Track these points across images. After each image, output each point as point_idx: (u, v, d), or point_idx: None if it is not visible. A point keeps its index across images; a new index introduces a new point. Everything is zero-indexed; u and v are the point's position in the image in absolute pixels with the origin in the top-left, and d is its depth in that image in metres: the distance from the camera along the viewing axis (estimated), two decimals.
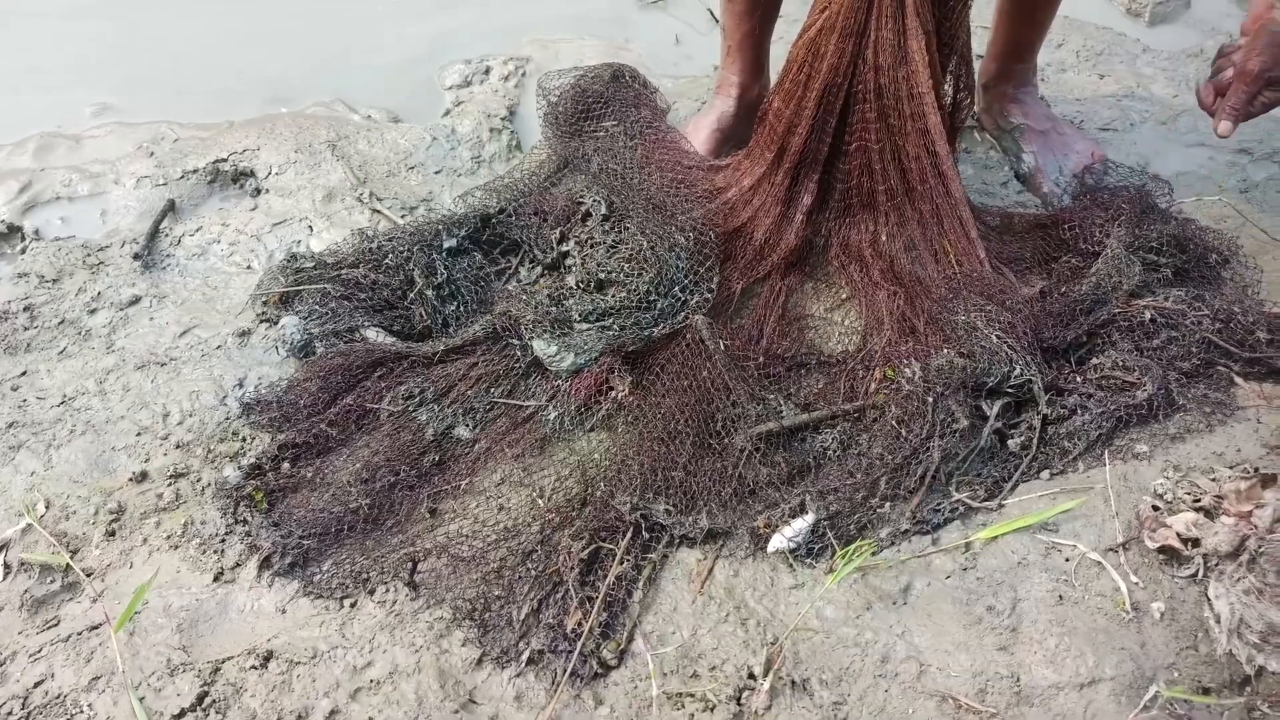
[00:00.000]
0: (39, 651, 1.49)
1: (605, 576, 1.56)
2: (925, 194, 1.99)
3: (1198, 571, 1.52)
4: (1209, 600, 1.48)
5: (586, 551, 1.58)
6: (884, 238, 2.07)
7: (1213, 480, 1.61)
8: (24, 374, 1.93)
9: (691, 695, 1.42)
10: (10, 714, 1.41)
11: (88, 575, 1.60)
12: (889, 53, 1.87)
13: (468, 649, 1.47)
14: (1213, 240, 2.05)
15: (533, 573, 1.56)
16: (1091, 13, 3.03)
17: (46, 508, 1.69)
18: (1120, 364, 1.76)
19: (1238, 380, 1.82)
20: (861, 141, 2.00)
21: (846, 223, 2.12)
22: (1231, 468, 1.64)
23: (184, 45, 2.89)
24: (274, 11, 3.03)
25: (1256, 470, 1.58)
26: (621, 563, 1.57)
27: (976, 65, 2.32)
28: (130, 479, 1.74)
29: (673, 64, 2.90)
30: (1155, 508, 1.59)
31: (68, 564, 1.60)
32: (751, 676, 1.44)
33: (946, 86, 2.03)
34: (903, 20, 1.85)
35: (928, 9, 1.86)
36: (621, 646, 1.48)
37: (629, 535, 1.60)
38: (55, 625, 1.53)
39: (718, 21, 2.67)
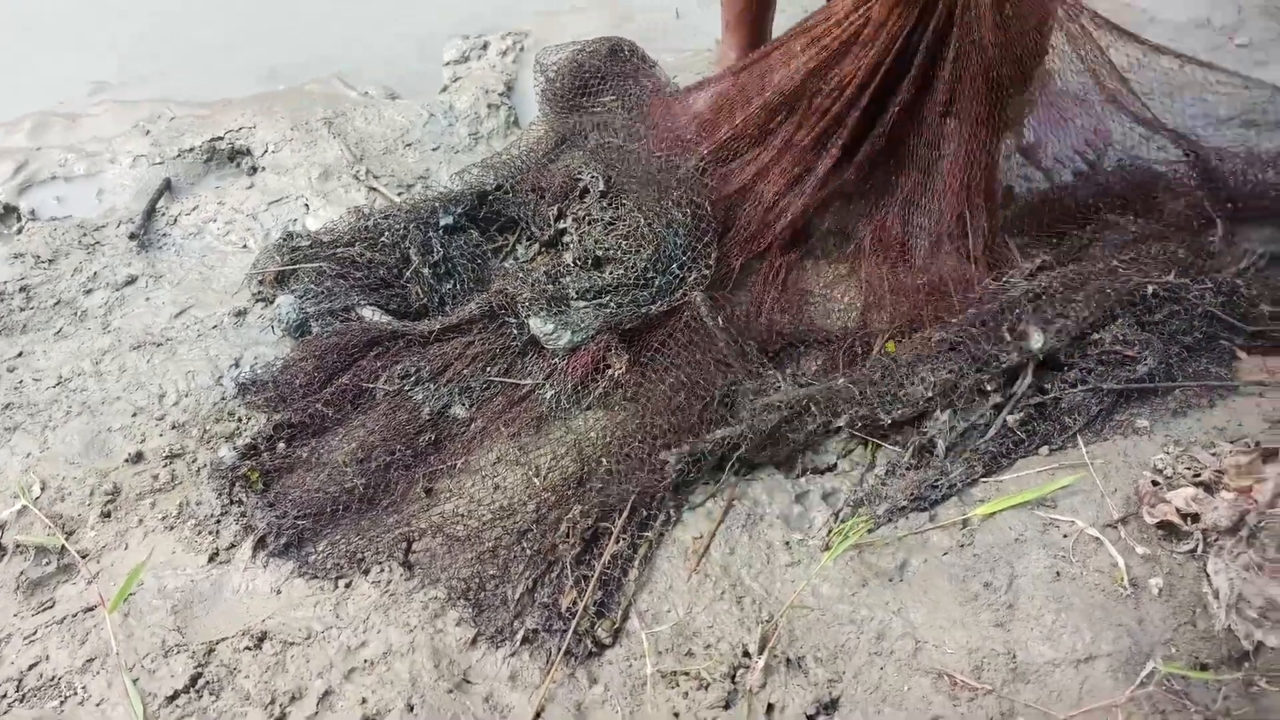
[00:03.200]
0: (34, 634, 1.49)
1: (601, 555, 1.55)
2: (967, 162, 1.95)
3: (1197, 547, 1.50)
4: (1208, 575, 1.47)
5: (583, 530, 1.57)
6: (910, 205, 2.03)
7: (1213, 455, 1.59)
8: (20, 355, 1.93)
9: (686, 673, 1.41)
10: (5, 696, 1.41)
11: (83, 557, 1.60)
12: (965, 18, 1.80)
13: (462, 628, 1.47)
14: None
15: (528, 552, 1.55)
16: None
17: (42, 489, 1.69)
18: (1121, 338, 1.73)
19: (1240, 354, 1.80)
20: (910, 110, 1.93)
21: (870, 190, 2.07)
22: (1233, 443, 1.62)
23: (180, 23, 2.87)
24: None
25: (1257, 445, 1.56)
26: (618, 541, 1.57)
27: None
28: (126, 460, 1.74)
29: (674, 38, 2.87)
30: (1155, 483, 1.58)
31: (63, 545, 1.60)
32: (746, 654, 1.43)
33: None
34: None
35: None
36: (616, 625, 1.48)
37: (625, 514, 1.60)
38: (50, 607, 1.53)
39: None
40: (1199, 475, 1.55)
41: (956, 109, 1.91)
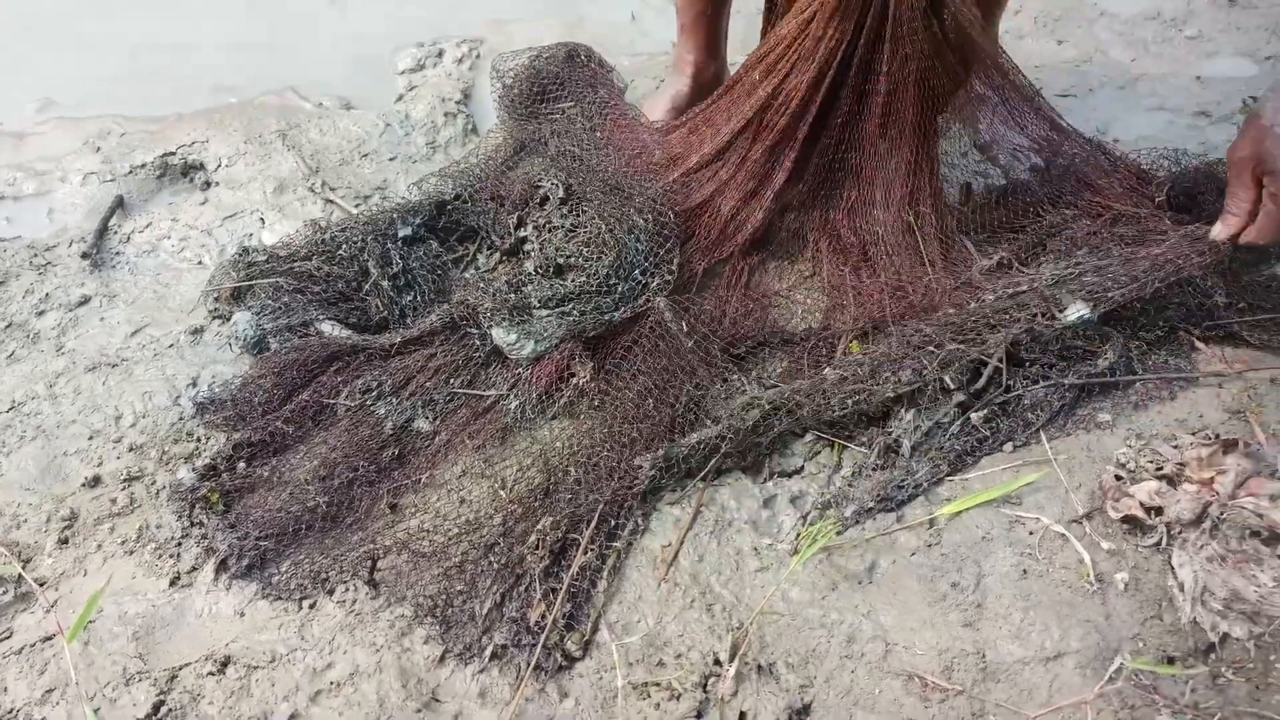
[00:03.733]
0: None
1: (569, 566, 1.54)
2: (907, 170, 1.98)
3: (1161, 540, 1.51)
4: (1173, 569, 1.48)
5: (552, 542, 1.56)
6: (855, 214, 2.05)
7: (1175, 448, 1.60)
8: None
9: (657, 684, 1.41)
10: None
11: (41, 585, 1.56)
12: (896, 30, 1.83)
13: (430, 646, 1.45)
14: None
15: (495, 566, 1.54)
16: None
17: None
18: (1081, 333, 1.74)
19: (1199, 345, 1.82)
20: (849, 120, 1.97)
21: (820, 199, 2.09)
22: (1193, 434, 1.63)
23: (128, 37, 2.82)
24: (219, 1, 2.97)
25: (1217, 436, 1.58)
26: (586, 552, 1.55)
27: None
28: (83, 484, 1.71)
29: (629, 42, 2.86)
30: (1118, 477, 1.59)
31: (20, 574, 1.57)
32: (718, 663, 1.42)
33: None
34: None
35: None
36: (586, 637, 1.47)
37: (593, 524, 1.59)
38: (7, 637, 1.50)
39: None
40: (1161, 468, 1.57)
41: (893, 119, 1.94)
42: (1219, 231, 1.80)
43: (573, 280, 1.91)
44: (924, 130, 1.97)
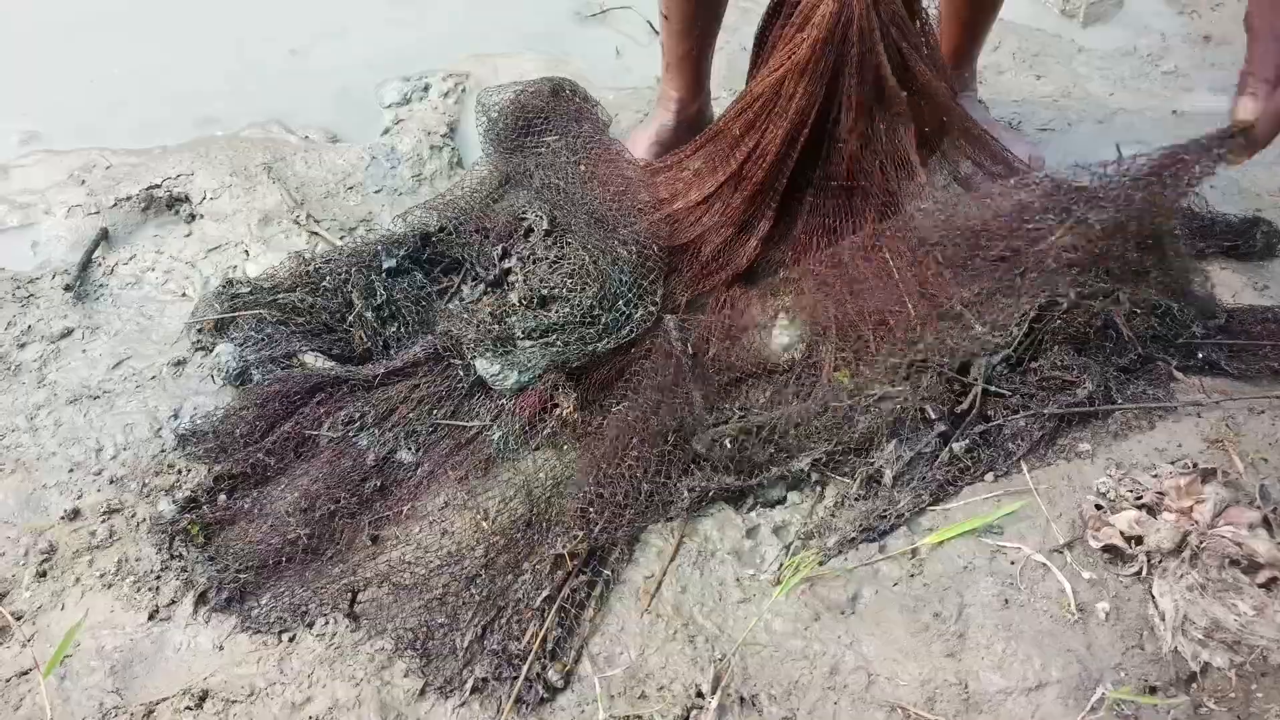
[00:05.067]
0: None
1: (553, 598, 1.53)
2: (877, 214, 2.04)
3: (1141, 569, 1.52)
4: (1153, 598, 1.49)
5: (536, 573, 1.56)
6: (835, 252, 2.08)
7: (1154, 477, 1.61)
8: None
9: (639, 717, 1.40)
10: None
11: (17, 619, 1.55)
12: (862, 91, 1.90)
13: (410, 680, 1.44)
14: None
15: (477, 598, 1.53)
16: (1027, 15, 3.06)
17: None
18: (1060, 364, 1.76)
19: (1177, 375, 1.83)
20: (824, 169, 2.02)
21: (801, 240, 2.12)
22: (1172, 463, 1.64)
23: (112, 70, 2.84)
24: (205, 34, 2.99)
25: (1195, 465, 1.59)
26: (577, 575, 1.55)
27: None
28: (62, 517, 1.69)
29: (614, 76, 2.88)
30: (1098, 506, 1.60)
31: None
32: (700, 694, 1.42)
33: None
34: (875, 59, 1.86)
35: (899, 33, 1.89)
36: (568, 668, 1.46)
37: (580, 557, 1.58)
38: None
39: (658, 33, 2.67)
40: (1141, 497, 1.57)
41: (862, 175, 2.01)
42: (1246, 109, 1.59)
43: (556, 311, 1.92)
44: (895, 178, 2.02)
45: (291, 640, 1.50)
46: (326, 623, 1.51)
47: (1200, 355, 1.84)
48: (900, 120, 1.96)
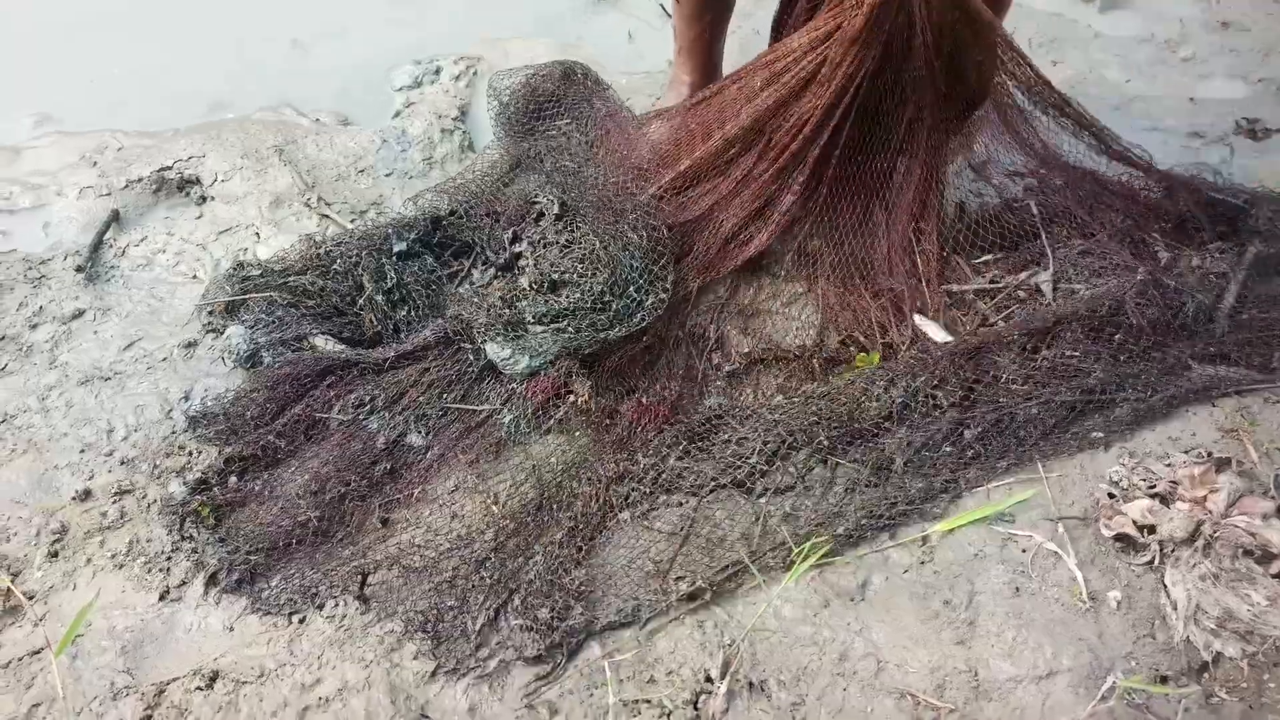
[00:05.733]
0: None
1: (566, 575, 1.54)
2: (915, 193, 2.01)
3: (1154, 559, 1.51)
4: (1165, 587, 1.48)
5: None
6: (862, 233, 2.06)
7: (1167, 466, 1.60)
8: None
9: (648, 701, 1.40)
10: None
11: (29, 599, 1.55)
12: (920, 57, 1.85)
13: (419, 662, 1.44)
14: None
15: (487, 581, 1.53)
16: (1044, 0, 3.03)
17: None
18: (1072, 352, 1.75)
19: (1191, 364, 1.82)
20: (862, 143, 1.98)
21: (825, 219, 2.09)
22: (1186, 453, 1.64)
23: (125, 52, 2.82)
24: (218, 17, 2.97)
25: (1210, 455, 1.58)
26: (580, 566, 1.55)
27: None
28: (74, 497, 1.70)
29: (626, 61, 2.87)
30: (1111, 495, 1.59)
31: (9, 588, 1.56)
32: (709, 679, 1.42)
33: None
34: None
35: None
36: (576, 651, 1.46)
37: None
38: None
39: (670, 16, 2.65)
40: (1154, 486, 1.57)
41: (907, 144, 1.96)
42: None
43: (567, 296, 1.91)
44: (937, 156, 1.98)
45: (301, 622, 1.50)
46: (336, 605, 1.51)
47: (1214, 345, 1.82)
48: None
